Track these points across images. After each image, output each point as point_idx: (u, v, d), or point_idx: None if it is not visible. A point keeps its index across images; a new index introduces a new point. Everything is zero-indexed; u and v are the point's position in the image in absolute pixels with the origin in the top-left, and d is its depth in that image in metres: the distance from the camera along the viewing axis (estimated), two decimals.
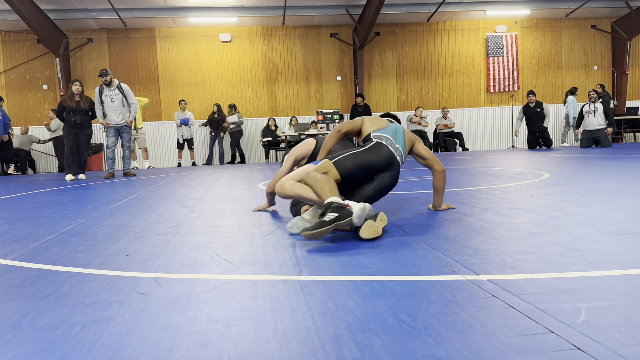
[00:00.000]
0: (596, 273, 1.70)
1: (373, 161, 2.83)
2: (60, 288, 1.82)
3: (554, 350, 1.13)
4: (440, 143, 13.19)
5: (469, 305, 1.44)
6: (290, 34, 13.84)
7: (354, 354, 1.15)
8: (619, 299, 1.44)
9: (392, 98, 14.29)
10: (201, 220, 3.27)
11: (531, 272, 1.74)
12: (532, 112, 11.87)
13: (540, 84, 14.69)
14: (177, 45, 13.51)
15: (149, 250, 2.42)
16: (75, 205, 4.44)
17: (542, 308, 1.39)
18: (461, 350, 1.15)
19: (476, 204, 3.44)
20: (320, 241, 2.44)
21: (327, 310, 1.46)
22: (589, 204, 3.18)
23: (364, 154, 2.84)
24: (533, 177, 5.02)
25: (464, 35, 14.43)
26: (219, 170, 9.41)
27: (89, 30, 13.17)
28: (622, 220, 2.60)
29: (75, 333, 1.36)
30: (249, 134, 13.74)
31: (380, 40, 14.08)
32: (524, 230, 2.46)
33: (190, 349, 1.23)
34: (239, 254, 2.26)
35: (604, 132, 11.33)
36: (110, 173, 8.42)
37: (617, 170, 5.28)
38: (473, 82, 14.51)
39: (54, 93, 13.15)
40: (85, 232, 3.01)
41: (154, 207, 4.08)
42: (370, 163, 2.82)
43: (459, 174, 5.89)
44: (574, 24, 14.67)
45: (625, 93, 14.68)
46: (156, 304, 1.58)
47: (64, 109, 8.28)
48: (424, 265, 1.90)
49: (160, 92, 13.48)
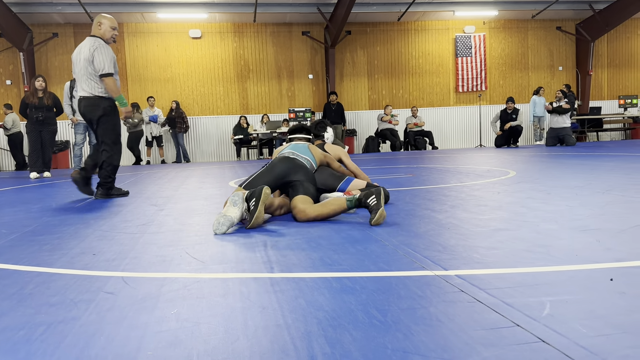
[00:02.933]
0: (560, 268, 1.74)
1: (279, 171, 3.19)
2: (24, 288, 1.77)
3: (519, 343, 1.15)
4: (410, 142, 13.32)
5: (437, 300, 1.46)
6: (261, 31, 13.77)
7: (324, 349, 1.16)
8: (581, 292, 1.48)
9: (363, 97, 14.36)
10: (170, 219, 3.23)
11: (498, 267, 1.78)
12: (509, 119, 12.22)
13: (507, 84, 14.98)
14: (145, 41, 13.28)
15: (117, 249, 2.37)
16: (40, 204, 4.33)
17: (508, 302, 1.42)
18: (430, 344, 1.16)
19: (445, 201, 3.49)
20: (291, 238, 2.44)
21: (298, 307, 1.46)
22: (554, 201, 3.26)
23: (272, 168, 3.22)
24: (500, 175, 5.12)
25: (434, 36, 14.60)
26: (189, 168, 9.30)
27: (55, 25, 12.83)
28: (585, 216, 2.67)
29: (40, 333, 1.33)
30: (221, 132, 13.62)
31: (352, 39, 14.13)
32: (491, 226, 2.51)
33: (159, 348, 1.21)
34: (209, 252, 2.24)
35: (569, 130, 11.63)
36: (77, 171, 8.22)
37: (580, 169, 5.43)
38: (442, 82, 14.70)
39: (18, 89, 12.78)
40: (50, 230, 2.94)
41: (121, 206, 4.01)
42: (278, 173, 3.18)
43: (429, 172, 5.96)
44: (540, 26, 15.00)
45: (588, 93, 15.09)
46: (124, 303, 1.56)
47: (26, 106, 8.07)
48: (394, 261, 1.92)
49: (128, 89, 13.23)
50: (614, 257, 1.85)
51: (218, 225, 2.69)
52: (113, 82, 4.55)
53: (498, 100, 14.81)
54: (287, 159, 3.26)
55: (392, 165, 7.56)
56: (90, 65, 4.51)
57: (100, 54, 4.48)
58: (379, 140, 13.39)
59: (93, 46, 4.50)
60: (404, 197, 3.80)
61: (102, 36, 4.62)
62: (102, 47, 4.52)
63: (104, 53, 4.50)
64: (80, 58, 4.55)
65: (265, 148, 13.25)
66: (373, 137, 13.40)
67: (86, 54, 4.51)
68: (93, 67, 4.51)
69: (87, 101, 4.59)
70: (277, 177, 3.14)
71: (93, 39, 4.57)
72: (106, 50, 4.54)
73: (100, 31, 4.62)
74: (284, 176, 3.15)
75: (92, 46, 4.50)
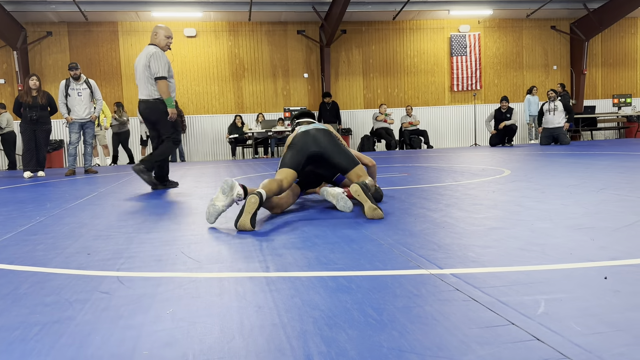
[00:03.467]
0: (555, 266, 1.75)
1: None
2: (19, 288, 1.77)
3: (514, 341, 1.16)
4: (405, 140, 13.34)
5: (433, 299, 1.47)
6: (256, 30, 13.75)
7: (320, 348, 1.16)
8: (576, 291, 1.49)
9: (358, 95, 14.37)
10: (165, 218, 3.22)
11: (493, 266, 1.78)
12: (503, 118, 12.24)
13: (502, 83, 15.02)
14: (140, 40, 13.24)
15: (112, 248, 2.37)
16: (34, 203, 4.31)
17: (503, 300, 1.42)
18: (425, 343, 1.17)
19: (440, 200, 3.49)
20: (287, 237, 2.44)
21: (294, 306, 1.46)
22: (548, 199, 3.27)
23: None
24: (495, 174, 5.14)
25: (429, 35, 14.62)
26: (185, 167, 9.28)
27: (49, 24, 12.77)
28: (579, 215, 2.68)
29: (35, 333, 1.33)
30: (216, 131, 13.60)
31: (347, 38, 14.14)
32: (486, 225, 2.52)
33: (155, 348, 1.21)
34: (204, 251, 2.24)
35: (563, 129, 11.68)
36: (71, 170, 8.20)
37: (575, 167, 5.45)
38: (437, 81, 14.72)
39: (12, 87, 12.72)
40: (44, 230, 2.93)
41: (116, 205, 4.00)
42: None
43: (424, 171, 5.97)
44: (535, 25, 15.05)
45: (583, 92, 15.16)
46: (119, 303, 1.55)
47: (20, 105, 8.03)
48: (390, 260, 1.92)
49: (122, 88, 13.19)
50: (608, 255, 1.86)
51: (209, 216, 2.83)
52: (165, 85, 5.08)
53: (493, 100, 14.85)
54: (306, 133, 3.26)
55: (387, 164, 7.57)
56: (147, 70, 5.07)
57: (155, 60, 5.05)
58: (374, 139, 13.40)
59: (149, 53, 5.07)
60: (399, 196, 3.80)
61: (158, 44, 5.21)
62: (158, 54, 5.07)
63: (158, 59, 5.06)
64: (140, 65, 5.13)
65: (261, 147, 13.24)
66: (368, 136, 13.41)
67: (144, 60, 5.08)
68: (150, 72, 5.06)
69: (146, 104, 5.18)
70: (302, 152, 3.16)
71: (150, 47, 5.15)
72: (161, 56, 5.09)
73: (156, 40, 5.21)
74: (309, 147, 3.17)
75: (149, 53, 5.07)
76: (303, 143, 3.19)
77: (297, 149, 3.18)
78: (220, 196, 2.81)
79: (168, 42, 5.23)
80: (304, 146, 3.18)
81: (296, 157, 3.15)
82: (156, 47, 5.15)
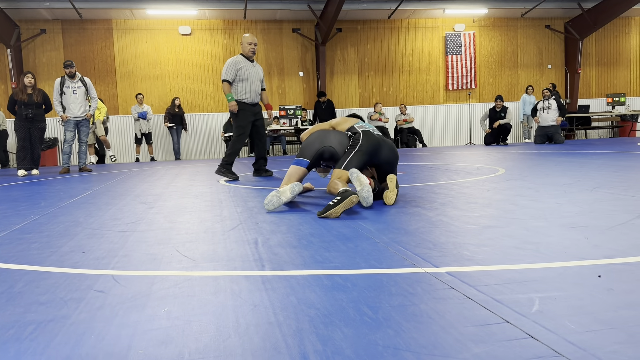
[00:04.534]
0: (549, 265, 1.76)
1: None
2: (13, 286, 1.76)
3: (509, 339, 1.16)
4: (403, 139, 13.35)
5: (428, 297, 1.47)
6: (251, 28, 13.72)
7: (316, 347, 1.16)
8: (570, 289, 1.50)
9: (354, 94, 14.37)
10: (161, 217, 3.22)
11: (487, 264, 1.79)
12: (498, 117, 12.26)
13: (497, 82, 15.06)
14: (135, 38, 13.19)
15: (107, 247, 2.36)
16: (29, 202, 4.29)
17: (498, 299, 1.43)
18: (420, 341, 1.17)
19: (435, 198, 3.50)
20: (282, 236, 2.44)
21: (290, 304, 1.46)
22: (543, 198, 3.29)
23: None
24: (489, 173, 5.15)
25: (424, 33, 14.63)
26: (180, 166, 9.26)
27: (42, 21, 12.70)
28: (574, 213, 2.70)
29: (29, 332, 1.32)
30: (211, 129, 13.57)
31: (342, 37, 14.13)
32: (481, 223, 2.53)
33: (150, 346, 1.21)
34: (199, 250, 2.23)
35: (557, 128, 11.72)
36: (66, 168, 8.17)
37: (569, 166, 5.48)
38: (432, 80, 14.74)
39: (5, 85, 12.64)
40: (39, 228, 2.92)
41: (111, 203, 3.98)
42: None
43: (419, 170, 5.99)
44: (529, 24, 15.09)
45: (577, 91, 15.22)
46: (114, 302, 1.55)
47: (15, 103, 7.98)
48: (385, 259, 1.93)
49: (117, 86, 13.14)
50: (602, 253, 1.87)
51: (269, 202, 3.16)
52: (227, 86, 5.84)
53: (488, 98, 14.88)
54: (370, 134, 3.46)
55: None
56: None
57: (225, 66, 5.83)
58: None
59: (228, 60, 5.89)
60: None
61: (242, 51, 5.92)
62: (230, 60, 5.84)
63: (228, 64, 5.82)
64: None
65: None
66: None
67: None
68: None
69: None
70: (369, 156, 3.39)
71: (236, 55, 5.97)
72: (231, 62, 5.81)
73: (242, 48, 5.95)
74: (373, 154, 3.40)
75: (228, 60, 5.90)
76: (374, 149, 3.41)
77: (366, 151, 3.38)
78: (288, 192, 3.19)
79: (251, 48, 5.86)
80: (374, 152, 3.41)
81: (362, 158, 3.36)
82: (240, 55, 5.91)
